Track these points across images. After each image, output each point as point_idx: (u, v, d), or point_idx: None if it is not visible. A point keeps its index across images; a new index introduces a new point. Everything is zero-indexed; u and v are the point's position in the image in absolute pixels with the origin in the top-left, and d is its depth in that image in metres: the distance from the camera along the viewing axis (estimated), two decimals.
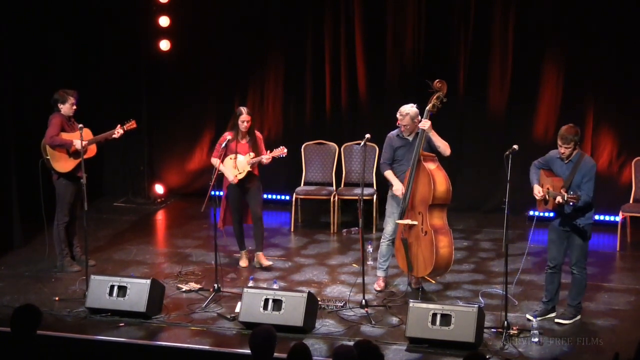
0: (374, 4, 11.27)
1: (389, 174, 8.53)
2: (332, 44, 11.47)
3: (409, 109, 8.44)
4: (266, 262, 9.38)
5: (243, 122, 9.04)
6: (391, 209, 8.60)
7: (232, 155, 9.06)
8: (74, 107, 9.15)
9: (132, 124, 9.40)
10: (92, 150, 9.18)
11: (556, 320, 7.89)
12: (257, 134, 9.29)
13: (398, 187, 8.39)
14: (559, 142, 7.66)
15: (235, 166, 9.09)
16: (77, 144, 8.91)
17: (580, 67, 10.76)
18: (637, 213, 10.08)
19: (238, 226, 9.39)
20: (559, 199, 7.51)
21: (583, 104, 10.80)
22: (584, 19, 10.63)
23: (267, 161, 9.10)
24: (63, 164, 9.09)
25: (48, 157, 9.06)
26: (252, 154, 9.09)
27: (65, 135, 9.03)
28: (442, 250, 8.27)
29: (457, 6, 11.05)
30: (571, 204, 7.51)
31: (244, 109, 9.11)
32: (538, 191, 7.78)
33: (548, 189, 7.72)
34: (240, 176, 9.10)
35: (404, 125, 8.42)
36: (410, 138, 8.49)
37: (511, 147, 7.62)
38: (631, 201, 10.26)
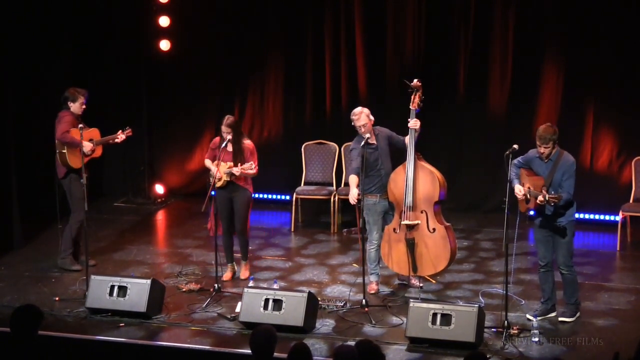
0: (374, 4, 11.27)
1: (353, 178, 8.40)
2: (332, 44, 11.48)
3: (361, 108, 8.49)
4: (243, 275, 9.07)
5: (223, 132, 8.73)
6: (375, 216, 8.59)
7: (216, 162, 8.74)
8: (84, 106, 9.21)
9: (129, 132, 9.51)
10: (99, 151, 9.33)
11: (560, 319, 7.89)
12: (247, 144, 8.80)
13: (352, 195, 8.28)
14: (538, 143, 7.67)
15: (215, 173, 8.73)
16: (86, 147, 9.00)
17: (580, 67, 10.76)
18: (638, 213, 10.08)
19: (226, 236, 8.99)
20: (540, 198, 7.51)
21: (583, 103, 10.80)
22: (584, 19, 10.63)
23: (237, 174, 8.69)
24: (77, 160, 9.12)
25: (64, 151, 9.08)
26: (230, 164, 8.75)
27: (75, 133, 9.04)
28: (452, 245, 8.36)
29: (457, 6, 11.05)
30: (552, 204, 7.51)
31: (226, 120, 8.70)
32: (519, 190, 7.79)
33: (529, 188, 7.73)
34: (218, 184, 8.76)
35: (362, 125, 8.40)
36: (375, 142, 8.49)
37: (511, 147, 7.62)
38: (631, 201, 10.26)
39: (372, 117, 8.47)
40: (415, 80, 8.44)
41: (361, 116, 8.41)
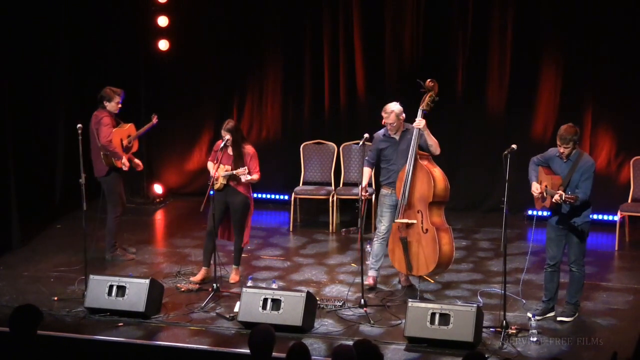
0: (373, 4, 11.27)
1: (366, 171, 8.74)
2: (330, 44, 11.48)
3: (393, 106, 8.49)
4: (233, 279, 8.96)
5: (223, 136, 8.69)
6: (383, 208, 8.64)
7: (216, 164, 8.73)
8: (119, 105, 9.38)
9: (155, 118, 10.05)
10: (136, 145, 9.71)
11: (558, 318, 7.91)
12: (247, 149, 8.75)
13: (361, 186, 8.44)
14: (558, 142, 7.67)
15: (214, 175, 8.72)
16: (124, 163, 9.33)
17: (578, 68, 10.77)
18: (636, 212, 10.10)
19: (208, 238, 8.82)
20: (556, 197, 7.52)
21: (581, 103, 10.80)
22: (582, 20, 10.64)
23: (239, 175, 8.64)
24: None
25: (108, 153, 9.29)
26: (228, 167, 8.73)
27: (116, 135, 9.34)
28: (444, 247, 8.31)
29: (456, 7, 11.06)
30: (568, 203, 7.52)
31: (226, 124, 8.67)
32: (536, 188, 7.80)
33: (546, 186, 7.73)
34: (215, 186, 8.76)
35: (390, 124, 8.47)
36: (397, 137, 8.51)
37: (509, 147, 7.62)
38: (629, 200, 10.28)
39: (404, 115, 8.50)
40: (427, 80, 8.44)
41: (391, 115, 8.46)
